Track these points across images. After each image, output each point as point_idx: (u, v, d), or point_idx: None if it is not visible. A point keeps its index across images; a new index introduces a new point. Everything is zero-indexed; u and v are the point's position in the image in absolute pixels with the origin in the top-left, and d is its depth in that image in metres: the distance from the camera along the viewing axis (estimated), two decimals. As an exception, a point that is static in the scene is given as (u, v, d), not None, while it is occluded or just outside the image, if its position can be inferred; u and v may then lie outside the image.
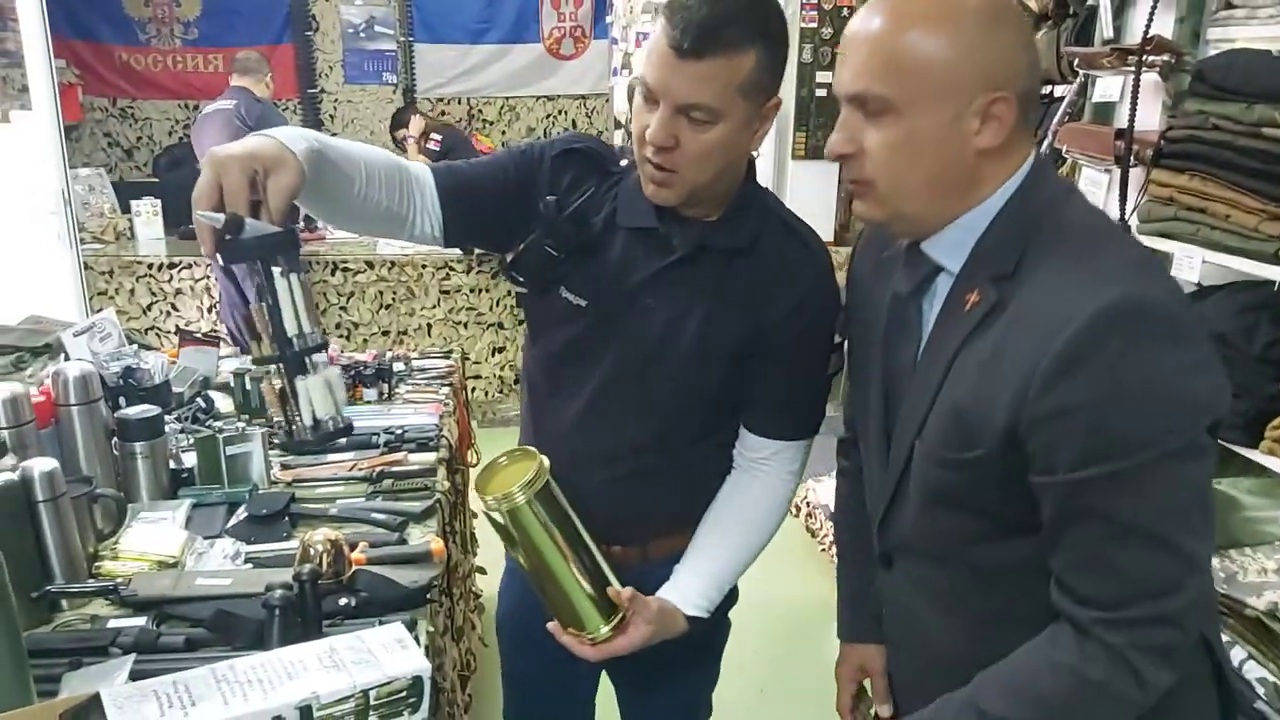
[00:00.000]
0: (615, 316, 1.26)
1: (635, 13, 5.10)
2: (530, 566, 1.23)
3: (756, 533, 1.37)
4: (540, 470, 1.19)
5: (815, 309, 1.29)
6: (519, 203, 1.26)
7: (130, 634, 1.33)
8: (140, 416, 1.71)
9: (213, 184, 0.97)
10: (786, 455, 1.37)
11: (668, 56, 1.10)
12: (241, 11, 5.31)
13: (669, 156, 1.15)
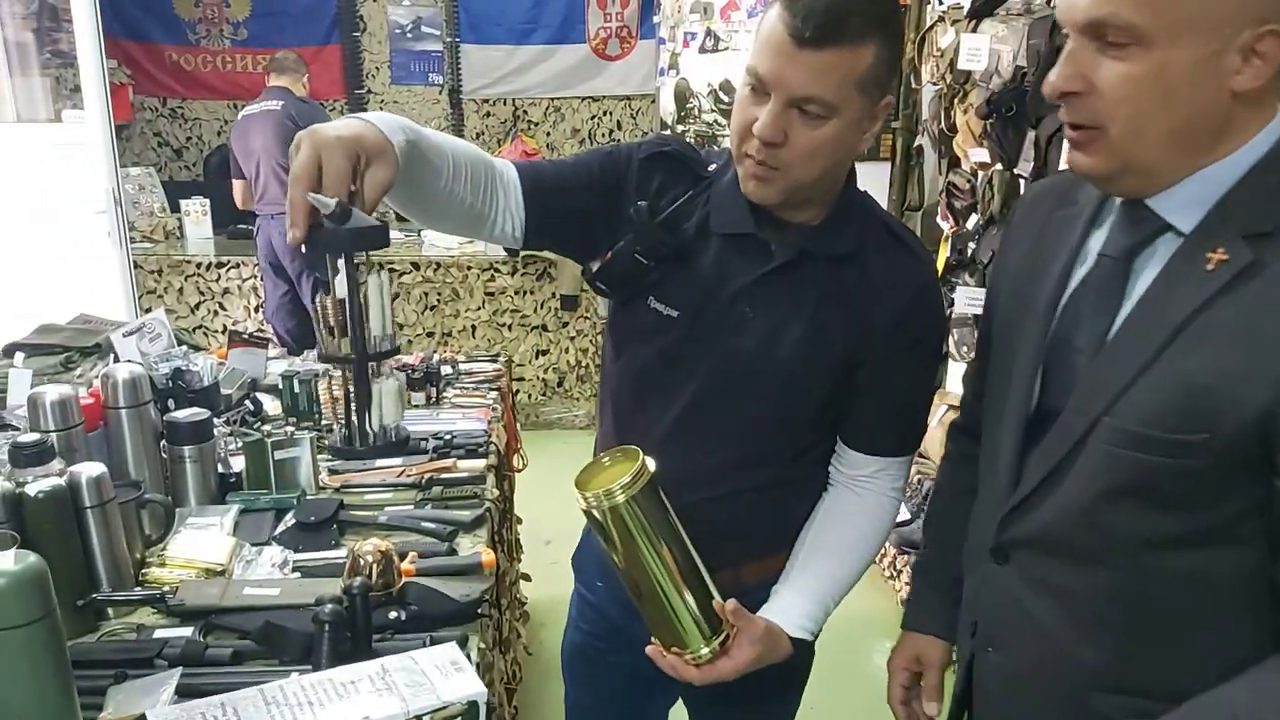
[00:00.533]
0: (710, 328, 1.19)
1: (683, 12, 5.04)
2: (628, 573, 1.16)
3: (861, 553, 1.30)
4: (643, 470, 1.12)
5: (925, 318, 1.23)
6: (604, 206, 1.19)
7: (177, 645, 1.30)
8: (189, 420, 1.68)
9: (313, 163, 0.91)
10: (890, 473, 1.30)
11: (784, 45, 1.03)
12: (290, 12, 5.33)
13: (775, 152, 1.08)
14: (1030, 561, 1.01)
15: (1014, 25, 2.57)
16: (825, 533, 1.30)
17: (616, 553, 1.16)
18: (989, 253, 2.69)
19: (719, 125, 6.31)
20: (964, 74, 2.76)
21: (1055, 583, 0.99)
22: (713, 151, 1.28)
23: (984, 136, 2.66)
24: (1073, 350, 0.97)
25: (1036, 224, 1.07)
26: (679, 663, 1.19)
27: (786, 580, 1.28)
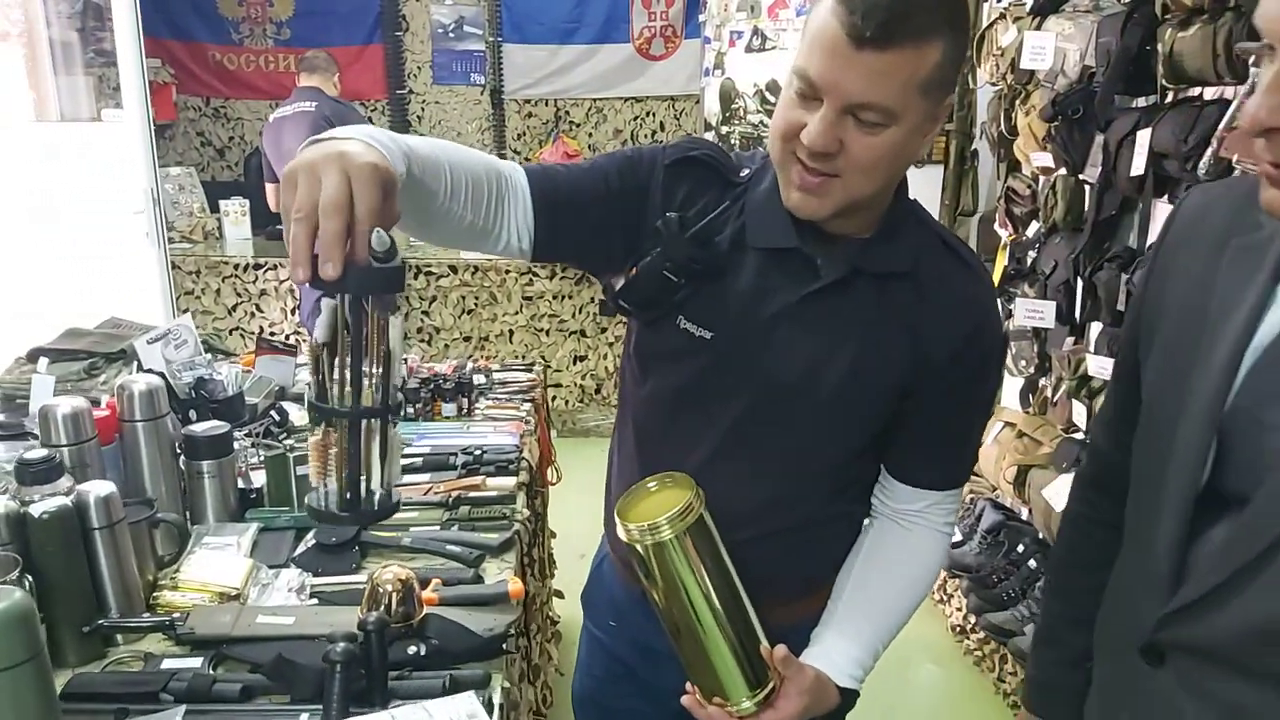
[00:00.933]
0: (747, 351, 1.07)
1: (729, 11, 4.91)
2: (668, 613, 1.06)
3: (912, 594, 1.19)
4: (694, 503, 1.01)
5: (987, 342, 1.11)
6: (624, 217, 1.07)
7: (184, 678, 1.22)
8: (208, 434, 1.62)
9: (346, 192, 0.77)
10: (943, 507, 1.19)
11: (841, 46, 0.90)
12: (333, 11, 5.29)
13: (829, 162, 0.96)
14: (1196, 670, 0.85)
15: (1081, 22, 2.43)
16: (873, 571, 1.19)
17: (657, 590, 1.05)
18: (1051, 262, 2.54)
19: (764, 127, 6.18)
20: (1026, 74, 2.62)
21: (1230, 700, 0.83)
22: (744, 155, 1.16)
23: (1048, 140, 2.52)
24: (1263, 427, 0.80)
25: (1203, 248, 0.90)
26: (720, 714, 1.08)
27: (831, 623, 1.17)
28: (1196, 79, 2.03)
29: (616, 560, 1.30)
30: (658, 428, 1.17)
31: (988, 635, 2.68)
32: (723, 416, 1.10)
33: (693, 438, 1.12)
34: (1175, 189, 2.18)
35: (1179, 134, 2.02)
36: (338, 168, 0.77)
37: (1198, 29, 1.95)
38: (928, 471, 1.17)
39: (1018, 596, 2.68)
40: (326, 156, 0.77)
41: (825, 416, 1.09)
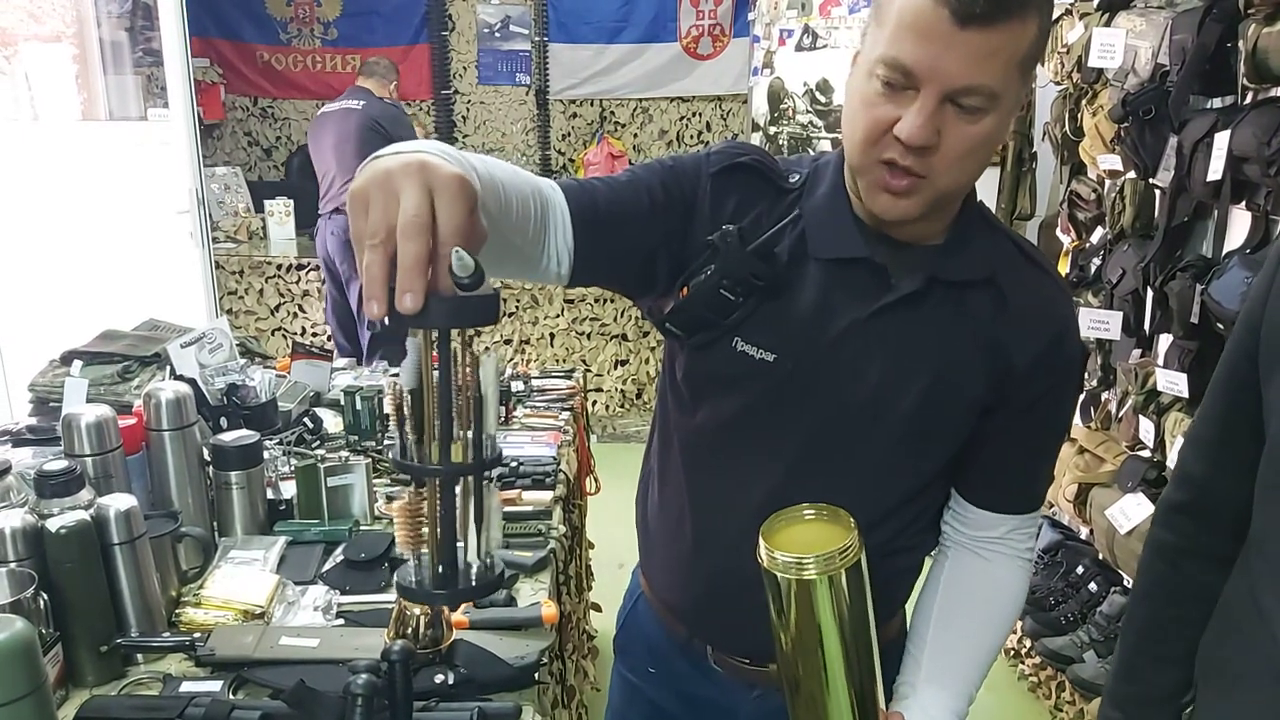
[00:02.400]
0: (815, 373, 0.98)
1: (780, 9, 4.81)
2: (791, 656, 0.96)
3: (1000, 630, 1.10)
4: (852, 548, 0.92)
5: (1070, 352, 1.03)
6: (670, 234, 0.98)
7: (202, 703, 1.17)
8: (236, 444, 1.57)
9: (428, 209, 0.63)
10: (1025, 532, 1.11)
11: (942, 27, 0.82)
12: (380, 12, 5.29)
13: (924, 158, 0.87)
14: None
15: (1154, 19, 2.30)
16: (957, 608, 1.10)
17: (786, 627, 0.95)
18: (1118, 270, 2.42)
19: (814, 127, 6.05)
20: (1094, 72, 2.49)
21: None
22: (789, 160, 1.07)
23: (1116, 141, 2.39)
24: None
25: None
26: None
27: (920, 671, 1.08)
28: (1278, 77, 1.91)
29: (655, 601, 1.21)
30: (712, 459, 1.07)
31: (1044, 661, 2.55)
32: (786, 447, 1.01)
33: (752, 470, 1.03)
34: (1255, 195, 2.05)
35: (1262, 136, 1.90)
36: (418, 181, 0.64)
37: (1284, 24, 1.83)
38: (1008, 494, 1.09)
39: (1077, 621, 2.55)
40: (405, 167, 0.65)
41: (900, 442, 1.00)
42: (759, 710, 1.12)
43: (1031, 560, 1.14)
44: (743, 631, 1.07)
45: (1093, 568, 2.63)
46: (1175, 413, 2.21)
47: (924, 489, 1.07)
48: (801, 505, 0.97)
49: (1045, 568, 2.75)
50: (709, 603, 1.11)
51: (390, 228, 0.63)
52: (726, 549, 1.04)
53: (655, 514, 1.18)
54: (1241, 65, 1.96)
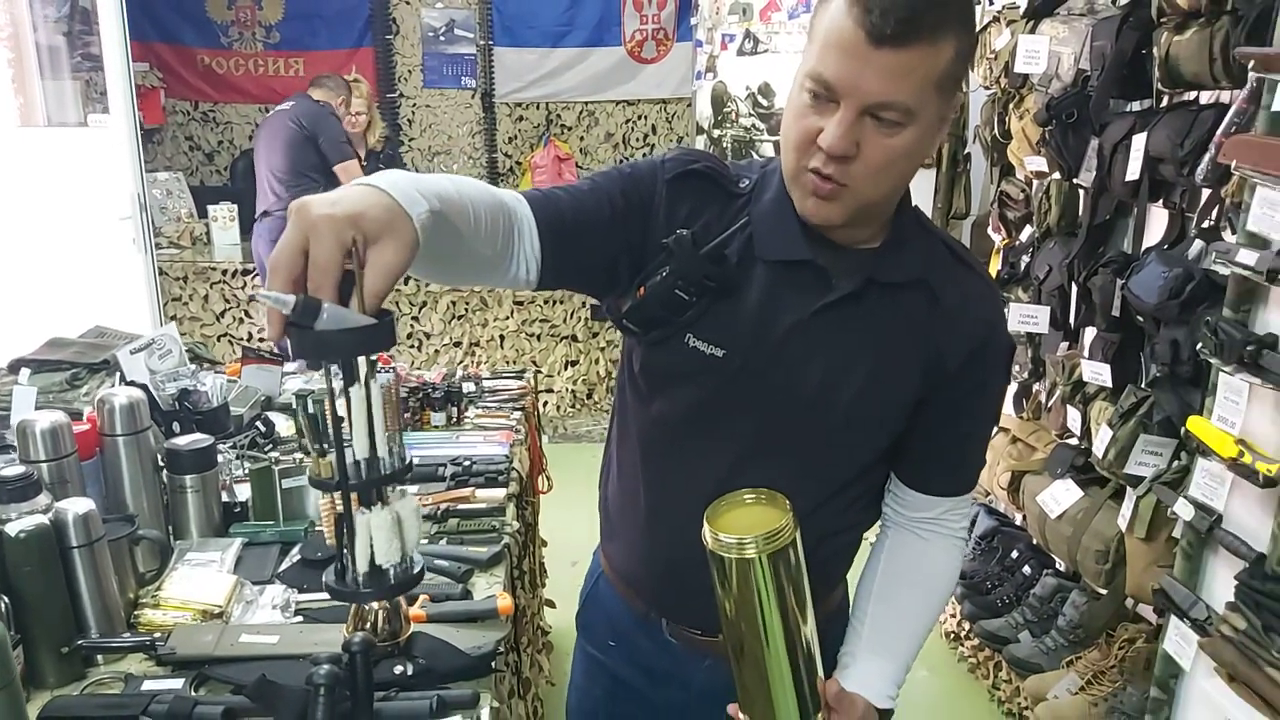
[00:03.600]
0: (761, 368, 1.04)
1: (721, 14, 4.90)
2: (735, 629, 1.03)
3: (935, 605, 1.18)
4: (787, 528, 0.98)
5: (997, 347, 1.10)
6: (630, 238, 1.04)
7: (164, 700, 1.19)
8: (191, 448, 1.59)
9: (297, 249, 0.71)
10: (959, 512, 1.18)
11: (859, 45, 0.88)
12: (323, 15, 5.26)
13: (844, 167, 0.94)
14: None
15: (1075, 26, 2.41)
16: (896, 584, 1.17)
17: (730, 603, 1.01)
18: (1045, 267, 2.53)
19: (757, 130, 6.15)
20: (1020, 78, 2.60)
21: None
22: (740, 165, 1.13)
23: (1041, 144, 2.50)
24: None
25: None
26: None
27: (861, 642, 1.15)
28: (1193, 83, 2.02)
29: (615, 579, 1.27)
30: (666, 447, 1.13)
31: (982, 642, 2.66)
32: (735, 435, 1.08)
33: (703, 457, 1.10)
34: (1171, 193, 2.17)
35: (1175, 138, 2.01)
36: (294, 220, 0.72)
37: (1194, 32, 1.94)
38: (942, 478, 1.16)
39: (1012, 603, 2.66)
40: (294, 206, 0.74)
41: (841, 430, 1.07)
42: (710, 678, 1.18)
43: (964, 539, 1.22)
44: (695, 605, 1.13)
45: (1026, 552, 2.74)
46: (1100, 402, 2.32)
47: (863, 474, 1.14)
48: (742, 490, 1.03)
49: (982, 553, 2.86)
50: (664, 579, 1.18)
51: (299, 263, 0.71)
52: (679, 530, 1.10)
53: (615, 498, 1.24)
54: (1156, 71, 2.07)
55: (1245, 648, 1.45)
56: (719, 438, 1.08)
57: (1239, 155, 1.54)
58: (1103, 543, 2.25)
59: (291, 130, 3.87)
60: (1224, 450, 1.56)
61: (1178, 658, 1.72)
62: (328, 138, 3.93)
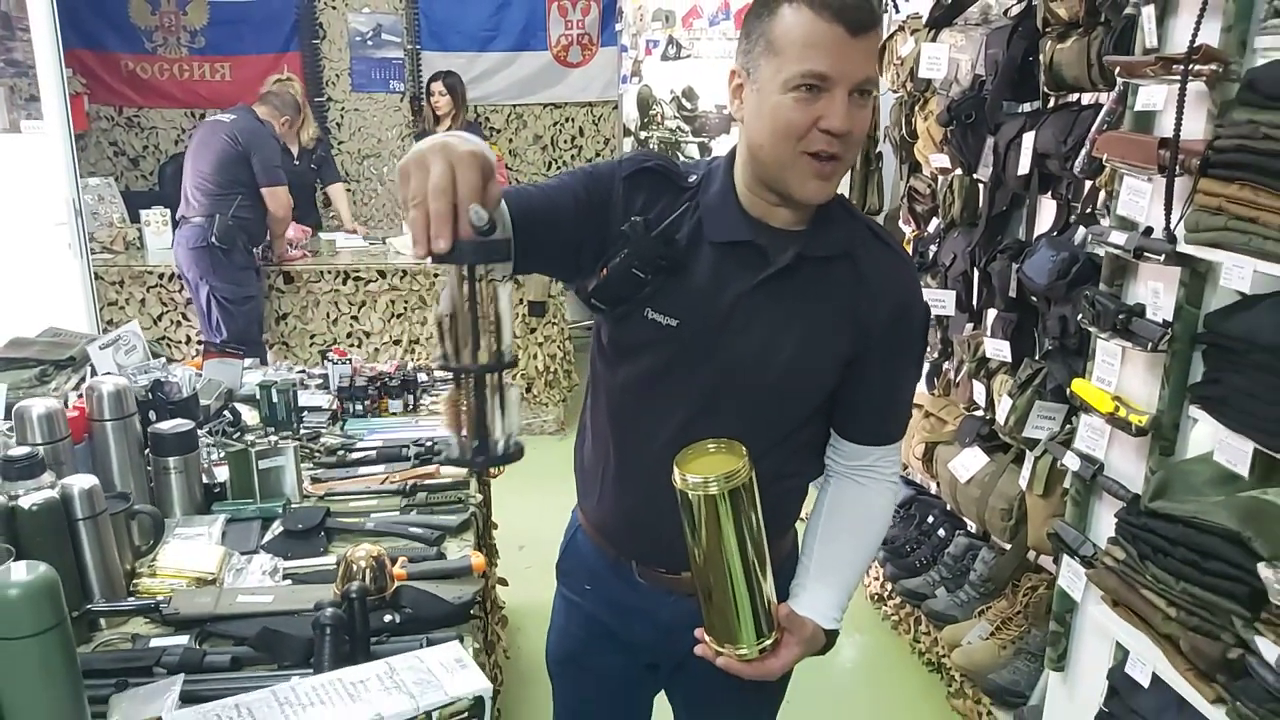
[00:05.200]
0: (709, 335, 1.21)
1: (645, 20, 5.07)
2: (704, 560, 1.18)
3: (872, 540, 1.36)
4: (744, 469, 1.14)
5: (913, 314, 1.28)
6: (592, 228, 1.20)
7: (175, 653, 1.31)
8: (174, 431, 1.69)
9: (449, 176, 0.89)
10: (889, 459, 1.35)
11: (840, 39, 1.07)
12: (249, 20, 5.28)
13: (844, 141, 1.12)
14: None
15: (972, 35, 2.65)
16: (837, 524, 1.34)
17: (699, 537, 1.17)
18: (950, 255, 2.76)
19: (682, 131, 6.35)
20: (924, 82, 2.84)
21: None
22: (689, 164, 1.30)
23: (944, 143, 2.74)
24: None
25: None
26: (729, 662, 1.22)
27: (809, 574, 1.32)
28: (1074, 86, 2.27)
29: (590, 530, 1.43)
30: (630, 408, 1.30)
31: (903, 600, 2.89)
32: (689, 393, 1.24)
33: (663, 414, 1.26)
34: (1058, 186, 2.42)
35: (1059, 136, 2.25)
36: (441, 156, 0.90)
37: (1074, 41, 2.18)
38: (872, 429, 1.34)
39: (929, 563, 2.89)
40: (432, 148, 0.91)
41: (780, 386, 1.24)
42: (675, 613, 1.34)
43: (897, 483, 1.39)
44: (660, 546, 1.30)
45: (941, 517, 2.98)
46: (1001, 375, 2.56)
47: (802, 425, 1.31)
48: (705, 440, 1.20)
49: (901, 520, 3.09)
50: (631, 524, 1.35)
51: (424, 193, 0.89)
52: (643, 479, 1.28)
53: (589, 457, 1.40)
54: (1042, 76, 2.31)
55: (1124, 575, 1.68)
56: (675, 396, 1.25)
57: (1109, 150, 1.77)
58: (1006, 502, 2.49)
59: (226, 144, 3.85)
60: (1102, 406, 1.80)
61: (1070, 591, 1.96)
62: (262, 159, 3.90)
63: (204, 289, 3.92)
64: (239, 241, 3.91)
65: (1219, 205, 1.50)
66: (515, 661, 2.75)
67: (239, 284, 3.95)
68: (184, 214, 3.93)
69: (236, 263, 3.93)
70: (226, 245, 3.86)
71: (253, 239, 4.01)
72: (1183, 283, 1.65)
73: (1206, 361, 1.64)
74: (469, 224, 0.90)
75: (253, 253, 4.05)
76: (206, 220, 3.84)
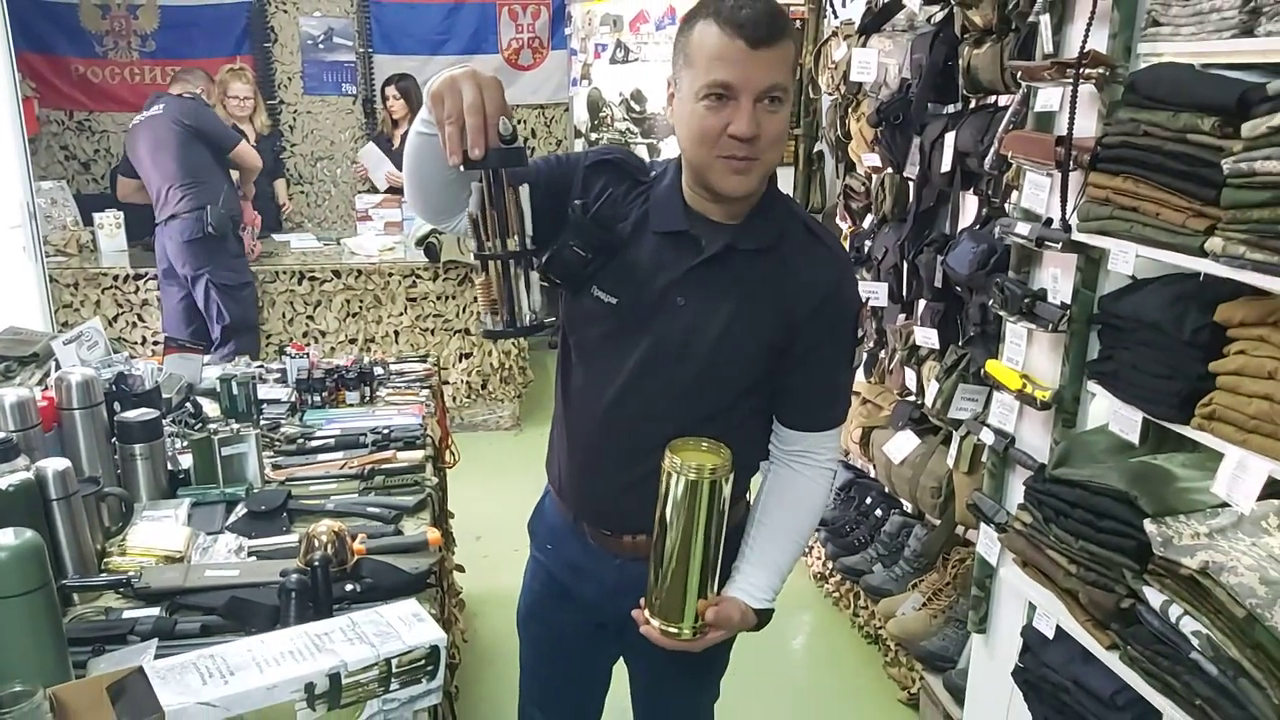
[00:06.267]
0: (645, 313, 1.34)
1: (593, 25, 5.19)
2: (668, 536, 1.31)
3: (807, 523, 1.46)
4: (724, 468, 1.28)
5: (841, 306, 1.39)
6: (554, 210, 1.32)
7: (147, 623, 1.40)
8: (140, 419, 1.77)
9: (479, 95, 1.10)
10: (824, 445, 1.46)
11: (742, 52, 1.19)
12: (199, 24, 5.31)
13: (754, 145, 1.23)
14: None
15: (899, 41, 2.80)
16: (773, 508, 1.46)
17: (671, 522, 1.30)
18: (883, 249, 2.91)
19: (631, 133, 6.48)
20: (856, 85, 2.99)
21: None
22: (656, 162, 1.44)
23: (875, 143, 2.89)
24: None
25: None
26: (654, 632, 1.35)
27: (745, 557, 1.44)
28: (990, 89, 2.42)
29: (553, 491, 1.56)
30: (580, 374, 1.44)
31: (843, 577, 3.04)
32: (625, 364, 1.37)
33: (603, 381, 1.39)
34: (979, 182, 2.57)
35: (977, 136, 2.40)
36: (472, 80, 1.11)
37: (988, 47, 2.33)
38: (805, 415, 1.45)
39: (867, 541, 3.05)
40: (463, 74, 1.12)
41: (707, 363, 1.36)
42: (620, 576, 1.47)
43: (832, 469, 1.49)
44: (604, 505, 1.44)
45: (878, 498, 3.13)
46: (930, 362, 2.72)
47: (733, 405, 1.40)
48: (700, 438, 1.34)
49: (842, 502, 3.24)
50: (578, 482, 1.47)
51: (459, 111, 1.10)
52: (586, 442, 1.42)
53: (555, 425, 1.53)
54: (961, 79, 2.46)
55: (1031, 538, 1.82)
56: (614, 366, 1.38)
57: (1014, 148, 1.92)
58: (936, 480, 2.64)
59: (177, 132, 3.88)
60: (1012, 384, 1.95)
61: (988, 557, 2.11)
62: (213, 128, 3.98)
63: (202, 281, 3.97)
64: (231, 228, 4.01)
65: (1106, 196, 1.65)
66: (473, 645, 2.85)
67: (237, 270, 4.07)
68: (173, 211, 3.93)
69: (232, 250, 4.04)
70: (223, 233, 3.94)
71: (236, 220, 4.10)
72: (1079, 268, 1.80)
73: (1101, 340, 1.80)
74: (497, 134, 1.12)
75: (242, 239, 4.15)
76: (199, 212, 3.90)
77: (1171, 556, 1.49)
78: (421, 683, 1.20)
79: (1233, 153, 1.39)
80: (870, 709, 2.67)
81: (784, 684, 2.82)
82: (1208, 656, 1.45)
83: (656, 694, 1.64)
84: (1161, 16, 1.63)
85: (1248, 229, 1.38)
